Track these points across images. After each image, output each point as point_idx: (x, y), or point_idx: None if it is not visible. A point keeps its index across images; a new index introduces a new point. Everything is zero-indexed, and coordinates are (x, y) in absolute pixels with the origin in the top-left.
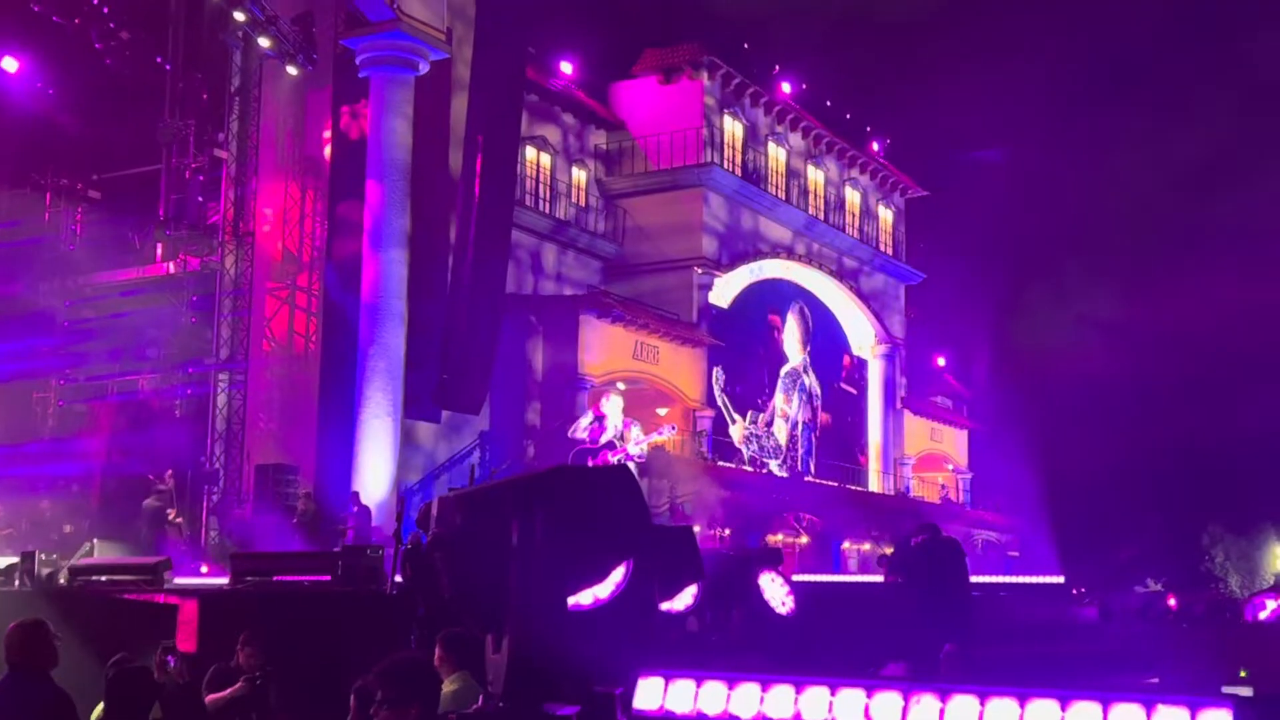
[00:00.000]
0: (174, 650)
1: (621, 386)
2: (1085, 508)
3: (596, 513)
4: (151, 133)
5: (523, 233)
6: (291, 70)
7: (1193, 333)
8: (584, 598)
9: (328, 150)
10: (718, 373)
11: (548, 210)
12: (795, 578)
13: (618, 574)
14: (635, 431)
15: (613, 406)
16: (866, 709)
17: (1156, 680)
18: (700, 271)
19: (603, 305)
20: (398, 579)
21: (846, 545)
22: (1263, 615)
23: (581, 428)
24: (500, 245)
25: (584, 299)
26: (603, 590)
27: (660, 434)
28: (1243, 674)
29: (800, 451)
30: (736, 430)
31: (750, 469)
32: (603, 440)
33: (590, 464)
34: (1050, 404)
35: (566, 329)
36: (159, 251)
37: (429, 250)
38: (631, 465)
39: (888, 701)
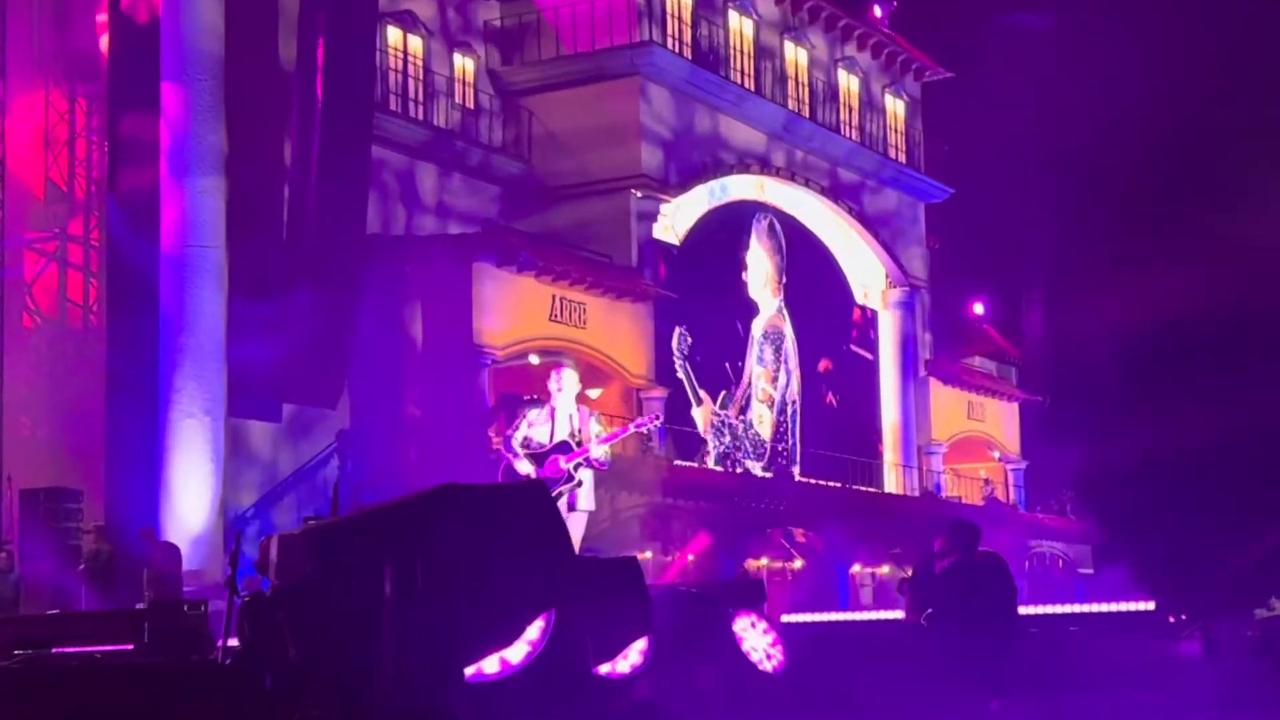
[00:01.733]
0: None
1: (535, 360)
2: (1185, 506)
3: (501, 547)
4: None
5: (388, 149)
6: None
7: None
8: (488, 665)
9: (104, 41)
10: (680, 335)
11: (422, 116)
12: (785, 618)
13: (533, 631)
14: (595, 425)
15: (567, 383)
16: None
17: None
18: (640, 195)
19: (505, 247)
20: (232, 643)
21: (856, 569)
22: None
23: (528, 425)
24: (356, 168)
25: (478, 239)
26: (514, 654)
27: (640, 427)
28: None
29: (790, 442)
30: (702, 414)
31: (720, 468)
32: (553, 437)
33: (533, 475)
34: (1136, 364)
35: (455, 283)
36: None
37: (256, 179)
38: (588, 475)
39: None
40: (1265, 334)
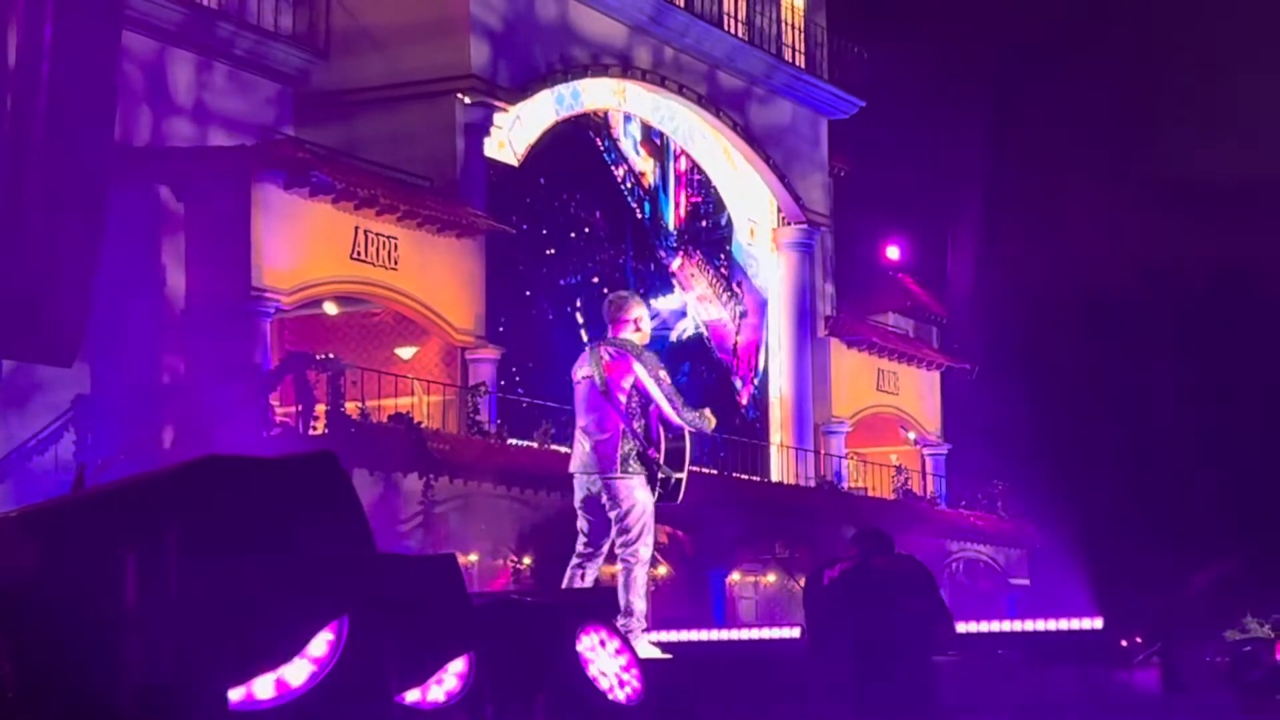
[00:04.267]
0: None
1: (332, 310)
2: (1147, 503)
3: (279, 536)
4: None
5: (139, 35)
6: None
7: None
8: (260, 688)
9: None
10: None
11: None
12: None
13: (319, 645)
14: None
15: (645, 313)
16: None
17: None
18: (468, 101)
19: (294, 165)
20: None
21: (735, 578)
22: None
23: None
24: (100, 58)
25: (258, 153)
26: (294, 674)
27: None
28: None
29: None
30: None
31: (566, 449)
32: (656, 394)
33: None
34: (1089, 325)
35: (228, 209)
36: None
37: None
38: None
39: None
40: (1262, 292)
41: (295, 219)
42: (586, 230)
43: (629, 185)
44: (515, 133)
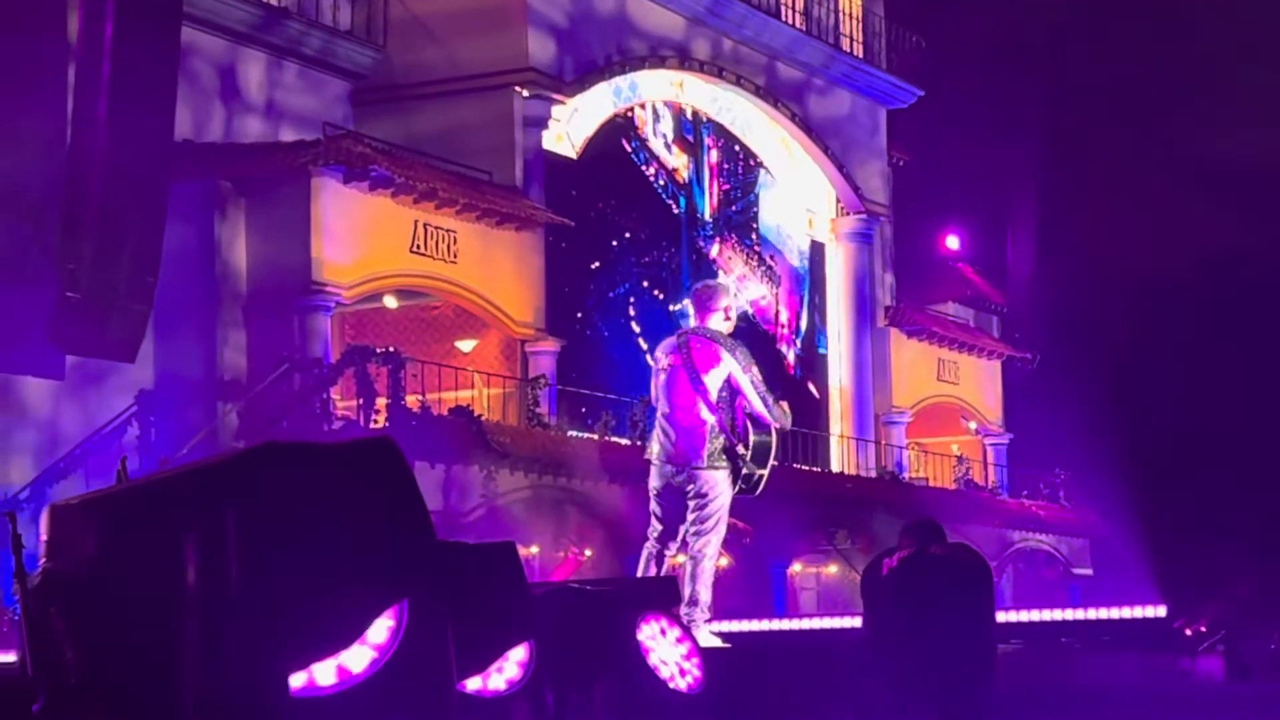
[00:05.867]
0: None
1: (392, 303)
2: (1210, 491)
3: (339, 522)
4: None
5: (203, 32)
6: None
7: None
8: (322, 674)
9: None
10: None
11: None
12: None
13: (380, 630)
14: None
15: (733, 301)
16: None
17: None
18: (526, 95)
19: (354, 159)
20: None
21: (796, 568)
22: None
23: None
24: (163, 55)
25: (318, 147)
26: (356, 660)
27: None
28: None
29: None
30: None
31: (626, 441)
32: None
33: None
34: (1151, 312)
35: (289, 202)
36: None
37: (28, 65)
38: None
39: None
40: None
41: (355, 213)
42: (627, 236)
43: (661, 183)
44: (573, 125)
